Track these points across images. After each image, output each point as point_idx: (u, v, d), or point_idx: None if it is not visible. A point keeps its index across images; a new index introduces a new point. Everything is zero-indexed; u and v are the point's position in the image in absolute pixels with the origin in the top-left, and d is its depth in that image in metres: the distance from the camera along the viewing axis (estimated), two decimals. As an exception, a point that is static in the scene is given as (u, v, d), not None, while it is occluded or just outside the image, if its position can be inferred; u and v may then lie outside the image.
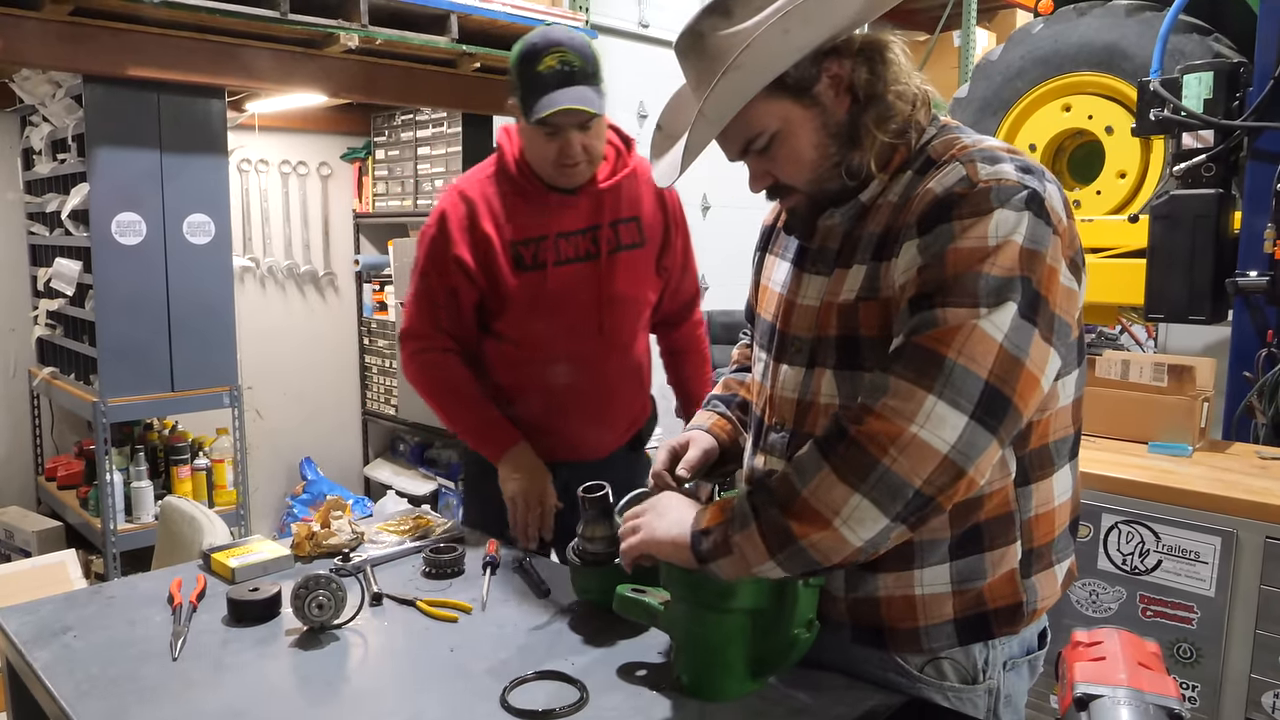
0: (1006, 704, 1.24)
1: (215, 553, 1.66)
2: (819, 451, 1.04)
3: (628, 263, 1.93)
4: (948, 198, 1.06)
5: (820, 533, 1.02)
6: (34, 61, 2.96)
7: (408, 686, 1.26)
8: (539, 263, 1.87)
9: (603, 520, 1.45)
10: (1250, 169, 2.63)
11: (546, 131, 1.75)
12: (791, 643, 1.18)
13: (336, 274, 4.51)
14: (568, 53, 1.72)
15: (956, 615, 1.19)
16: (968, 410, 0.99)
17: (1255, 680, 2.02)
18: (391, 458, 4.70)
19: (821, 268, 1.23)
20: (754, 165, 1.20)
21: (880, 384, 1.02)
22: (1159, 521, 2.14)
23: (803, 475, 1.04)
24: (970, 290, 1.00)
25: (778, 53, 1.07)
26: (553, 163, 1.80)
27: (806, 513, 1.03)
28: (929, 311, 1.02)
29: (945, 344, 1.00)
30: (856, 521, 1.01)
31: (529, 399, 1.93)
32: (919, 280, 1.05)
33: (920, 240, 1.07)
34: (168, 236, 3.18)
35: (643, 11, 4.54)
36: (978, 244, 1.02)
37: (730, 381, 1.56)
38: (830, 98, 1.14)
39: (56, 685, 1.24)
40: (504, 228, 1.87)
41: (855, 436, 1.01)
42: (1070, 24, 3.20)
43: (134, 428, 3.49)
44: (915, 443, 0.98)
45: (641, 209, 1.96)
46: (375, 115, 4.32)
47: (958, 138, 1.16)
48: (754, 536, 1.06)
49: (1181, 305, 2.74)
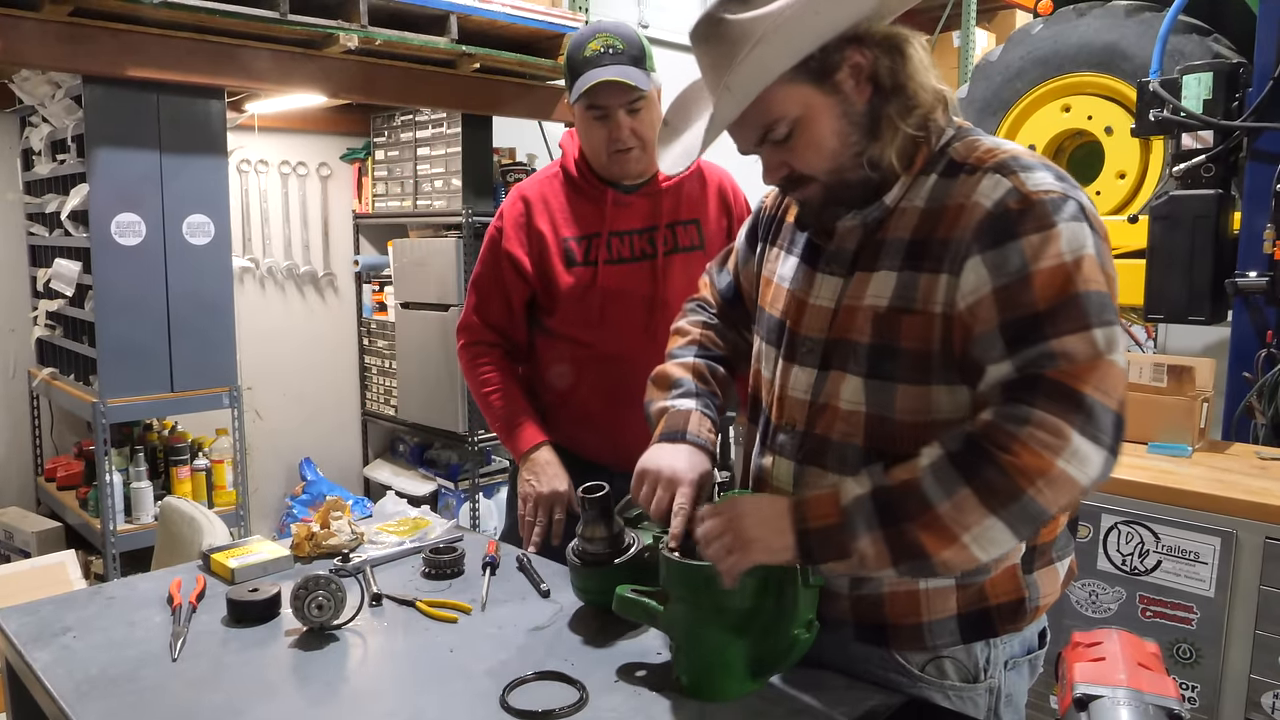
0: (1007, 703, 1.24)
1: (215, 553, 1.66)
2: (957, 471, 1.03)
3: (684, 265, 1.91)
4: (1003, 213, 1.06)
5: (950, 549, 1.04)
6: (33, 62, 2.96)
7: (407, 687, 1.26)
8: (590, 260, 1.89)
9: (603, 520, 1.44)
10: (1250, 169, 2.63)
11: (595, 115, 1.78)
12: (791, 643, 1.18)
13: (336, 274, 4.51)
14: (610, 36, 1.77)
15: (960, 611, 1.19)
16: (1106, 444, 1.02)
17: (1255, 680, 2.02)
18: (391, 458, 4.70)
19: (837, 269, 1.22)
20: (770, 156, 1.18)
21: (1020, 414, 1.01)
22: (1158, 522, 2.14)
23: (937, 490, 1.03)
24: (1076, 314, 1.02)
25: (807, 32, 1.07)
26: (605, 150, 1.81)
27: (939, 529, 1.03)
28: (1044, 344, 1.02)
29: (1082, 380, 1.01)
30: (988, 540, 1.03)
31: (578, 397, 1.94)
32: (1002, 304, 1.05)
33: (984, 257, 1.06)
34: (167, 237, 3.17)
35: (643, 12, 4.54)
36: (1057, 263, 1.03)
37: (705, 372, 1.46)
38: (851, 86, 1.13)
39: (56, 686, 1.24)
40: (559, 225, 1.90)
41: (1005, 465, 1.01)
42: (1070, 24, 3.20)
43: (133, 428, 3.48)
44: (1062, 477, 1.00)
45: (704, 212, 1.96)
46: (375, 116, 4.32)
47: (978, 140, 1.16)
48: (878, 545, 1.05)
49: (1181, 306, 2.75)
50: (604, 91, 1.74)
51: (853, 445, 1.18)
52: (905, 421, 1.14)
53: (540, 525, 1.80)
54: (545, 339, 1.98)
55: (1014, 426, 1.01)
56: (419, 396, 4.17)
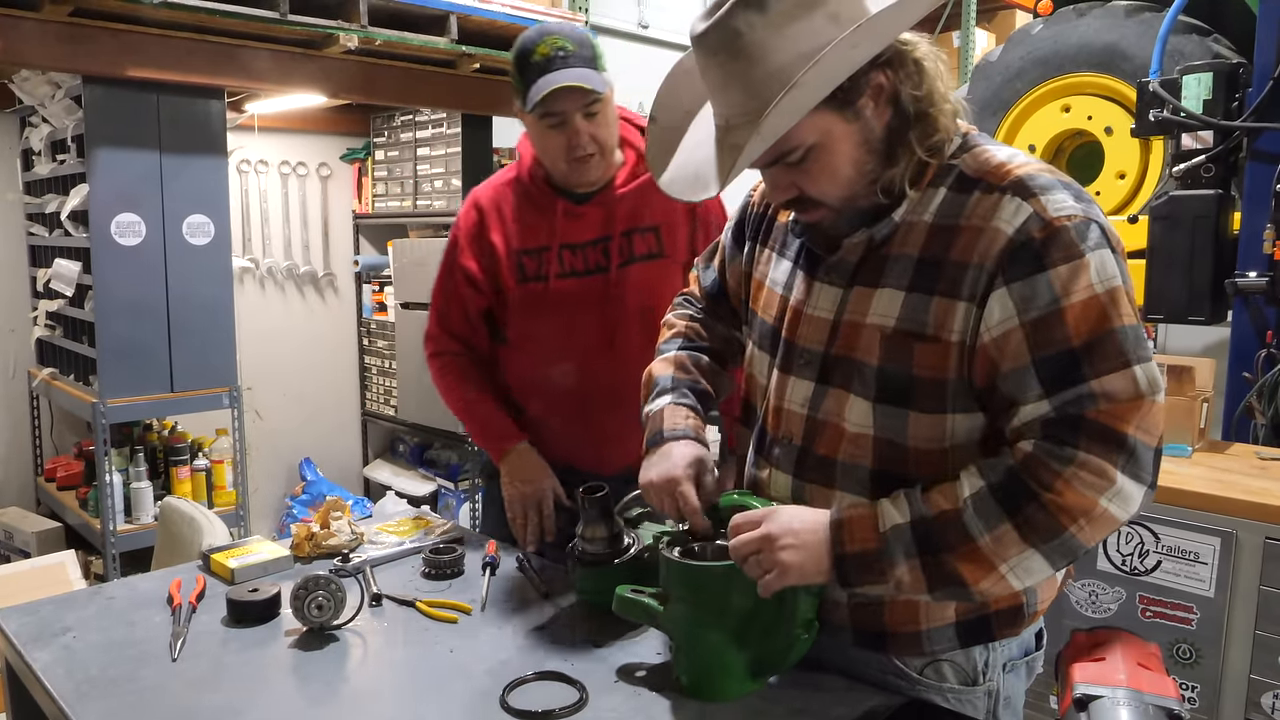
0: (1006, 706, 1.24)
1: (215, 553, 1.66)
2: (999, 505, 1.03)
3: (643, 276, 1.83)
4: (1027, 241, 1.04)
5: (988, 579, 1.05)
6: (33, 62, 2.96)
7: (407, 687, 1.26)
8: (541, 275, 1.84)
9: (603, 520, 1.44)
10: (1250, 170, 2.63)
11: (550, 123, 1.70)
12: (791, 644, 1.18)
13: (336, 275, 4.51)
14: (559, 38, 1.68)
15: (958, 618, 1.19)
16: (1146, 481, 1.03)
17: (1255, 680, 2.02)
18: (391, 458, 4.70)
19: (836, 279, 1.18)
20: (780, 176, 1.13)
21: (1064, 453, 1.01)
22: (1158, 522, 2.14)
23: (978, 524, 1.04)
24: (1116, 352, 1.01)
25: (842, 67, 1.02)
26: (564, 158, 1.74)
27: (979, 560, 1.04)
28: (1084, 385, 1.01)
29: (1125, 421, 1.01)
30: (1024, 571, 1.04)
31: (539, 407, 1.91)
32: (1035, 339, 1.03)
33: (1011, 289, 1.04)
34: (167, 237, 3.17)
35: (642, 12, 4.54)
36: (1089, 295, 1.02)
37: (686, 362, 1.44)
38: (871, 110, 1.08)
39: (56, 686, 1.24)
40: (512, 236, 1.85)
41: (1048, 504, 1.01)
42: (1070, 25, 3.20)
43: (133, 428, 3.49)
44: (1104, 516, 1.02)
45: (667, 217, 1.85)
46: (375, 116, 4.32)
47: (988, 152, 1.12)
48: (915, 573, 1.06)
49: (1181, 306, 2.74)
50: (560, 97, 1.65)
51: (862, 466, 1.16)
52: (919, 448, 1.12)
53: (531, 525, 1.79)
54: (505, 349, 1.94)
55: (1058, 465, 1.01)
56: (419, 396, 4.17)
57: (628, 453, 1.83)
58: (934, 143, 1.11)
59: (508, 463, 1.84)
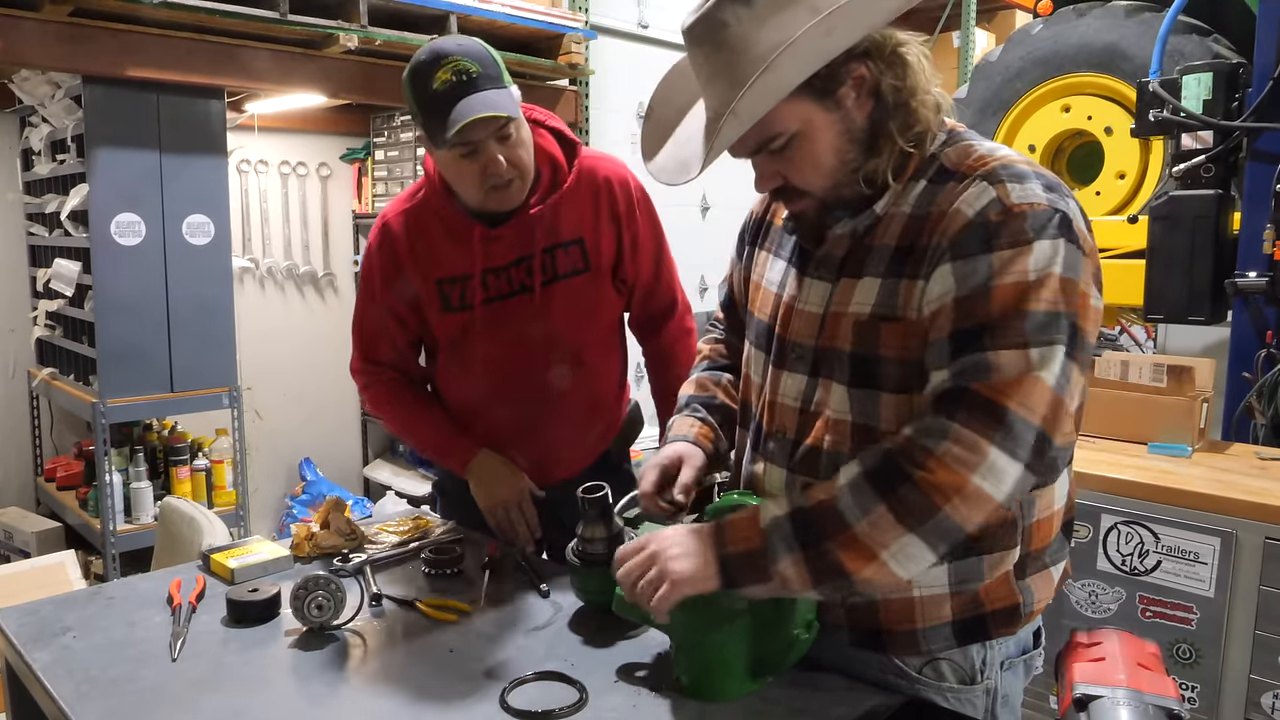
0: (1004, 704, 1.24)
1: (215, 553, 1.66)
2: (873, 488, 1.04)
3: (569, 292, 1.75)
4: (982, 224, 1.05)
5: (870, 567, 1.04)
6: (33, 62, 2.96)
7: (407, 687, 1.26)
8: (466, 303, 1.74)
9: (602, 521, 1.44)
10: (1249, 170, 2.63)
11: (463, 153, 1.57)
12: (791, 643, 1.18)
13: (336, 275, 4.51)
14: (460, 60, 1.53)
15: (954, 617, 1.19)
16: (1023, 459, 1.02)
17: (1254, 681, 2.03)
18: (391, 458, 4.70)
19: (825, 274, 1.21)
20: (765, 165, 1.16)
21: (938, 428, 1.02)
22: (1158, 522, 2.14)
23: (854, 509, 1.04)
24: (1019, 330, 1.01)
25: (817, 53, 1.04)
26: (480, 187, 1.62)
27: (857, 547, 1.04)
28: (980, 355, 1.02)
29: (1006, 395, 1.01)
30: (905, 558, 1.04)
31: (478, 429, 1.84)
32: (958, 314, 1.04)
33: (954, 266, 1.05)
34: (167, 237, 3.17)
35: (642, 12, 4.54)
36: (1019, 279, 1.02)
37: (705, 381, 1.51)
38: (852, 100, 1.10)
39: (56, 686, 1.24)
40: (429, 267, 1.74)
41: (919, 482, 1.02)
42: (1070, 25, 3.20)
43: (133, 428, 3.48)
44: (977, 493, 1.01)
45: (588, 228, 1.75)
46: (375, 116, 4.32)
47: (971, 145, 1.14)
48: (798, 566, 1.06)
49: (1181, 306, 2.75)
50: (471, 128, 1.52)
51: (841, 454, 1.17)
52: (891, 431, 1.12)
53: (520, 528, 1.76)
54: (438, 374, 1.88)
55: (931, 442, 1.02)
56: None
57: (572, 464, 1.85)
58: (915, 134, 1.13)
59: (474, 474, 1.79)
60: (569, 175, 1.73)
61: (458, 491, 1.85)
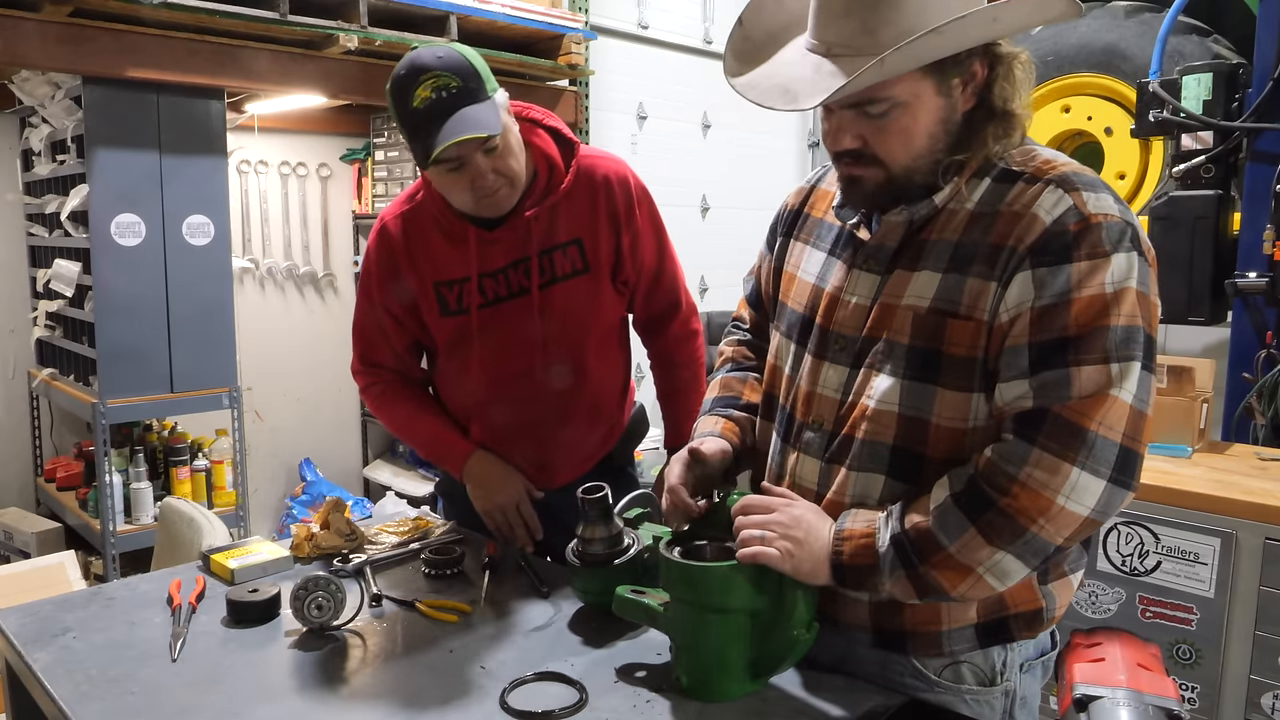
0: (1022, 705, 1.24)
1: (214, 554, 1.66)
2: (963, 513, 1.07)
3: (568, 294, 1.74)
4: (1060, 232, 1.06)
5: (965, 583, 1.09)
6: (33, 63, 2.96)
7: (407, 688, 1.26)
8: (463, 307, 1.74)
9: (602, 521, 1.44)
10: (1249, 170, 2.63)
11: (449, 168, 1.58)
12: (791, 643, 1.18)
13: (336, 275, 4.51)
14: (440, 75, 1.51)
15: (979, 620, 1.20)
16: (1106, 475, 1.04)
17: (1254, 681, 2.03)
18: (391, 459, 4.70)
19: (875, 265, 1.20)
20: (852, 123, 1.13)
21: (1019, 452, 1.05)
22: (1158, 523, 2.14)
23: (948, 534, 1.08)
24: (1100, 346, 1.04)
25: (977, 36, 1.05)
26: (470, 198, 1.62)
27: (953, 566, 1.08)
28: (1063, 370, 1.04)
29: (1087, 417, 1.03)
30: (1000, 571, 1.08)
31: (477, 432, 1.84)
32: (1038, 324, 1.06)
33: (1034, 274, 1.07)
34: (167, 238, 3.17)
35: (642, 13, 4.54)
36: (1098, 292, 1.04)
37: (730, 381, 1.49)
38: (960, 92, 1.11)
39: (56, 686, 1.24)
40: (428, 269, 1.74)
41: (1004, 508, 1.05)
42: (1069, 25, 3.20)
43: (133, 429, 3.48)
44: (1062, 513, 1.04)
45: (586, 228, 1.73)
46: (375, 116, 4.32)
47: (1034, 150, 1.16)
48: (902, 583, 1.11)
49: (1181, 306, 2.75)
50: (452, 149, 1.51)
51: (881, 443, 1.17)
52: (942, 426, 1.14)
53: (519, 530, 1.76)
54: (437, 377, 1.88)
55: (1013, 468, 1.04)
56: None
57: (573, 468, 1.85)
58: (1006, 145, 1.14)
59: (471, 476, 1.79)
60: (566, 176, 1.72)
61: (460, 494, 1.85)
